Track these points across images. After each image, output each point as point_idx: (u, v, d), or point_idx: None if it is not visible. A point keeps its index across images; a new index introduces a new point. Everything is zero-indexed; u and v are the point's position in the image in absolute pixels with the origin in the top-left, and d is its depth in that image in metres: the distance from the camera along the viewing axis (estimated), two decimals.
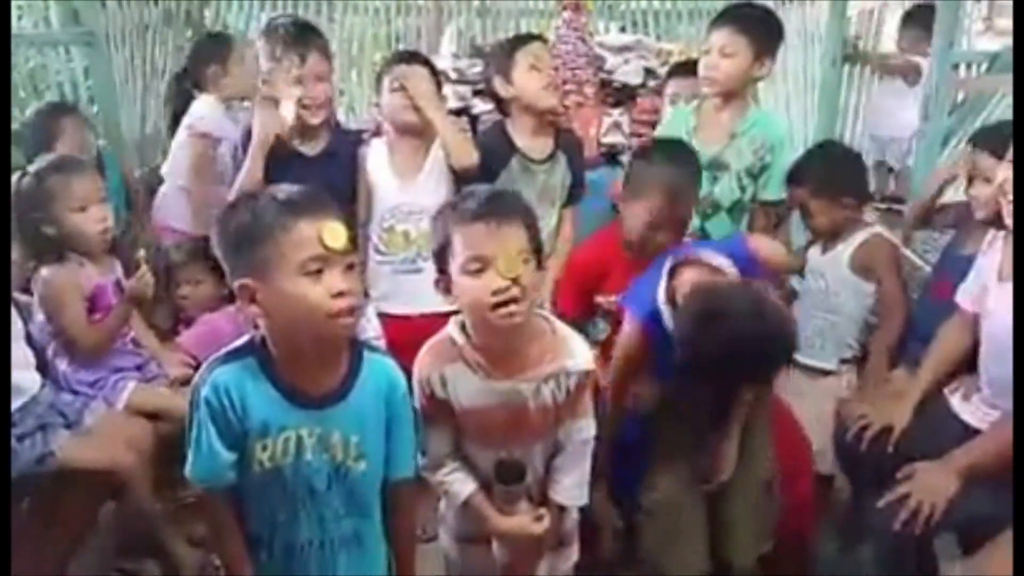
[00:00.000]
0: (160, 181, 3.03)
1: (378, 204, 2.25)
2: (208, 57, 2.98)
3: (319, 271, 1.22)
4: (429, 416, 1.48)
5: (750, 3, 2.38)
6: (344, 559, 1.39)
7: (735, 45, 2.19)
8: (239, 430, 1.29)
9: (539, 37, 2.44)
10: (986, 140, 2.05)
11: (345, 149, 2.30)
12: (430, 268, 2.20)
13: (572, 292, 2.06)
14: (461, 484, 1.51)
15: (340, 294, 1.23)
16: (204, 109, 2.91)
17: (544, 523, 1.51)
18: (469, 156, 2.22)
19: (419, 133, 2.24)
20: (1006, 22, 4.99)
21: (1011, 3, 2.98)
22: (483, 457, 1.52)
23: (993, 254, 1.82)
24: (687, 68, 2.66)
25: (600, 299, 2.02)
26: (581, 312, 2.03)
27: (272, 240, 1.22)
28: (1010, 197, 1.68)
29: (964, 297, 1.89)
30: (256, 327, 1.32)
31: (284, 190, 1.29)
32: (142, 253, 2.15)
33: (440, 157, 2.24)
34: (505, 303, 1.34)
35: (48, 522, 1.87)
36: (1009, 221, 1.71)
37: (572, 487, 1.54)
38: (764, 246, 1.80)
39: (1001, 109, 3.21)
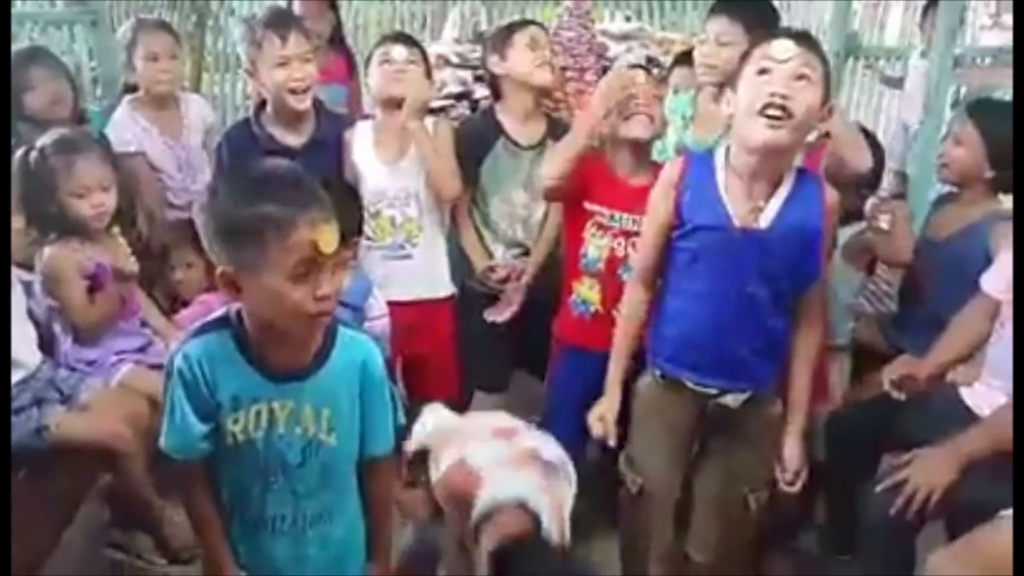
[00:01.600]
0: None
1: (364, 189, 2.23)
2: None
3: (306, 273, 1.20)
4: None
5: None
6: (317, 534, 1.39)
7: (731, 34, 2.18)
8: (211, 402, 1.30)
9: (539, 23, 2.45)
10: (976, 110, 2.16)
11: (333, 134, 2.27)
12: (420, 255, 2.28)
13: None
14: None
15: (323, 298, 1.22)
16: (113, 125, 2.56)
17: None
18: (453, 188, 2.25)
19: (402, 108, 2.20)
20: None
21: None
22: None
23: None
24: (691, 58, 2.65)
25: (590, 207, 2.00)
26: (575, 220, 2.04)
27: (265, 238, 1.17)
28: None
29: (988, 285, 1.89)
30: None
31: (274, 177, 1.23)
32: (116, 229, 2.15)
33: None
34: None
35: (43, 494, 1.89)
36: None
37: None
38: (831, 192, 1.72)
39: None
